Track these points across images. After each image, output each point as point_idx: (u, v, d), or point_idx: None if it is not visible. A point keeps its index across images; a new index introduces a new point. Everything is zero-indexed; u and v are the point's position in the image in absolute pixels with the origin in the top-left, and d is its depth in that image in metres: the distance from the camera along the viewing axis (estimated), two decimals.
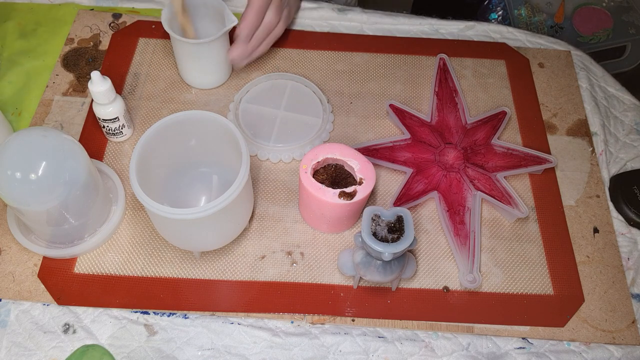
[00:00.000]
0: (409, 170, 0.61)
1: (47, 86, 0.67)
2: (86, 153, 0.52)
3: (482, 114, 0.67)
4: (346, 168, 0.56)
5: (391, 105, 0.66)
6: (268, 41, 0.66)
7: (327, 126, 0.65)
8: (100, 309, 0.53)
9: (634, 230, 0.61)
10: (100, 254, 0.56)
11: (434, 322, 0.54)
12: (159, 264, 0.56)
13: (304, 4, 0.76)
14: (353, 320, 0.54)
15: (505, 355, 0.53)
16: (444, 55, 0.72)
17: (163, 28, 0.62)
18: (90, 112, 0.65)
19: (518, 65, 0.73)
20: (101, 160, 0.62)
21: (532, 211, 0.62)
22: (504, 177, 0.62)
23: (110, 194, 0.58)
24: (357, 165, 0.54)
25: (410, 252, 0.55)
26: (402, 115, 0.66)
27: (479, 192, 0.60)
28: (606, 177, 0.65)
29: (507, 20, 1.10)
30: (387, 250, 0.46)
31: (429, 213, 0.61)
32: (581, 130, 0.68)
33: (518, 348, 0.54)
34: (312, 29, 0.75)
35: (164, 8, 0.62)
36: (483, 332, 0.54)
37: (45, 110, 0.65)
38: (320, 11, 0.76)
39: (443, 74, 0.70)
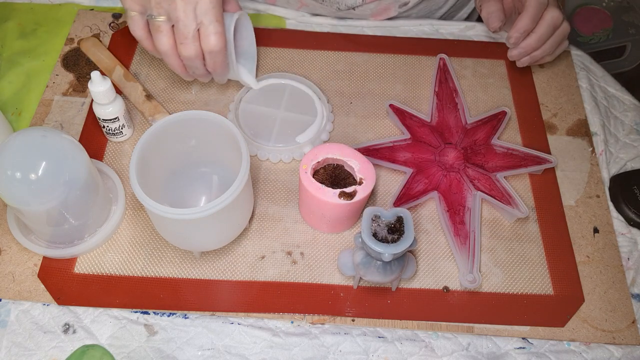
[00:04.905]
0: (409, 170, 0.61)
1: (47, 86, 0.67)
2: (86, 153, 0.52)
3: (482, 114, 0.67)
4: (346, 168, 0.56)
5: (391, 105, 0.66)
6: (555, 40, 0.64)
7: (327, 126, 0.65)
8: (100, 309, 0.53)
9: (634, 230, 0.61)
10: (100, 254, 0.56)
11: (434, 322, 0.54)
12: (159, 264, 0.56)
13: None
14: (353, 320, 0.54)
15: (505, 355, 0.53)
16: (444, 55, 0.72)
17: None
18: (90, 112, 0.65)
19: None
20: (101, 160, 0.62)
21: (532, 211, 0.62)
22: (504, 177, 0.62)
23: (110, 194, 0.58)
24: (357, 165, 0.54)
25: (410, 252, 0.55)
26: (402, 115, 0.66)
27: (479, 192, 0.60)
28: (606, 177, 0.65)
29: None
30: (387, 251, 0.46)
31: (429, 213, 0.61)
32: (581, 130, 0.68)
33: (518, 348, 0.54)
34: (312, 29, 0.75)
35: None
36: (483, 332, 0.54)
37: (45, 110, 0.65)
38: (321, 12, 0.76)
39: (443, 74, 0.70)
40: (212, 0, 0.53)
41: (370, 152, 0.62)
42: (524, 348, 0.54)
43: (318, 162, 0.55)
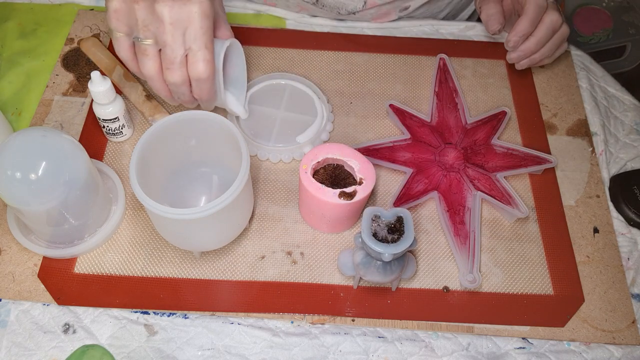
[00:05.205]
0: (409, 170, 0.61)
1: (47, 86, 0.67)
2: (86, 153, 0.52)
3: (482, 114, 0.67)
4: (346, 168, 0.56)
5: (391, 105, 0.66)
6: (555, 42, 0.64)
7: (327, 126, 0.65)
8: (100, 309, 0.53)
9: (634, 230, 0.61)
10: (100, 254, 0.56)
11: (434, 322, 0.54)
12: (159, 264, 0.56)
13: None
14: (353, 320, 0.54)
15: (505, 355, 0.53)
16: (444, 55, 0.72)
17: None
18: (90, 112, 0.65)
19: None
20: (101, 160, 0.62)
21: (532, 211, 0.62)
22: (504, 177, 0.62)
23: (110, 194, 0.58)
24: (357, 165, 0.54)
25: (410, 252, 0.55)
26: (402, 115, 0.66)
27: (479, 192, 0.60)
28: (606, 177, 0.65)
29: None
30: (387, 251, 0.46)
31: (429, 213, 0.61)
32: (581, 130, 0.68)
33: (518, 348, 0.54)
34: (312, 29, 0.75)
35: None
36: (483, 332, 0.54)
37: (45, 110, 0.65)
38: (321, 15, 0.76)
39: (443, 74, 0.70)
40: (203, 25, 0.50)
41: (370, 152, 0.62)
42: (524, 348, 0.54)
43: (318, 162, 0.55)
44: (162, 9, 0.49)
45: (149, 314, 0.54)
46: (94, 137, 0.63)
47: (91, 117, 0.65)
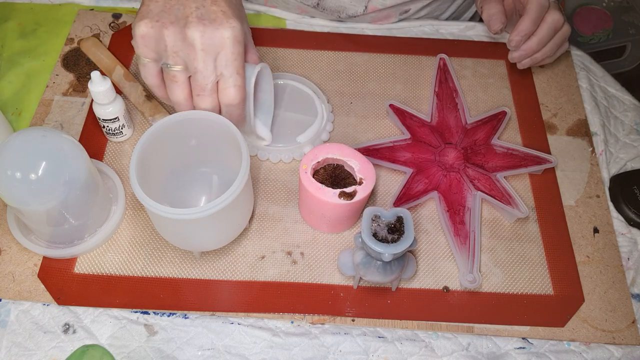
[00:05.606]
0: (409, 170, 0.61)
1: (47, 86, 0.67)
2: (86, 153, 0.52)
3: (482, 114, 0.67)
4: (346, 168, 0.56)
5: (391, 105, 0.66)
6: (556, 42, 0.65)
7: (327, 126, 0.65)
8: (100, 309, 0.53)
9: (634, 230, 0.61)
10: (100, 254, 0.56)
11: (434, 322, 0.54)
12: (159, 264, 0.56)
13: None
14: (353, 320, 0.54)
15: (505, 355, 0.53)
16: (444, 55, 0.72)
17: None
18: (90, 112, 0.65)
19: None
20: (101, 160, 0.62)
21: (532, 211, 0.62)
22: (504, 177, 0.62)
23: (110, 194, 0.58)
24: (357, 165, 0.54)
25: (410, 252, 0.55)
26: (402, 115, 0.66)
27: (479, 192, 0.60)
28: (606, 177, 0.65)
29: None
30: (387, 251, 0.46)
31: (429, 213, 0.61)
32: (581, 130, 0.68)
33: (518, 348, 0.54)
34: (312, 29, 0.75)
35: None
36: (483, 332, 0.54)
37: (45, 110, 0.65)
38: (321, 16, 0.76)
39: (443, 74, 0.70)
40: (235, 51, 0.49)
41: (370, 152, 0.62)
42: (524, 348, 0.54)
43: (318, 162, 0.55)
44: (193, 34, 0.48)
45: (149, 314, 0.54)
46: (94, 137, 0.63)
47: (91, 117, 0.65)
